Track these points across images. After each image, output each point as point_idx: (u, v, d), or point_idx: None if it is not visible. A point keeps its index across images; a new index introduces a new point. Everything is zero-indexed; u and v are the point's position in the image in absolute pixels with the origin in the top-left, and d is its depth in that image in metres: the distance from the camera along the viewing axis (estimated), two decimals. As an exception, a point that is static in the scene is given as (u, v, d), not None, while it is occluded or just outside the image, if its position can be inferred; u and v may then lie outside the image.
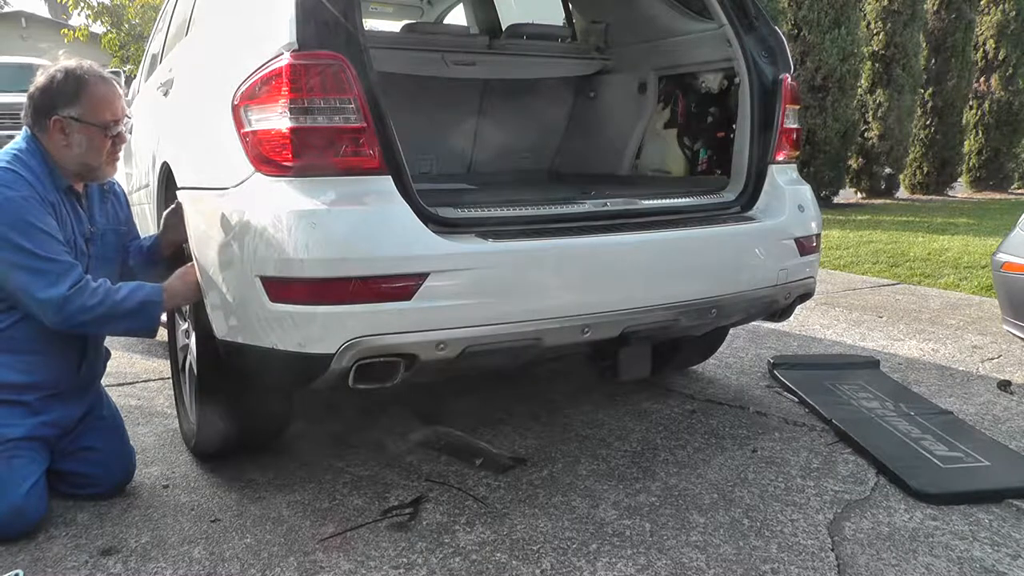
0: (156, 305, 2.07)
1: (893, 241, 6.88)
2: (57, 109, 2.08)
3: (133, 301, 2.03)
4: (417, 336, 1.85)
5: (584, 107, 3.65)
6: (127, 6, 13.87)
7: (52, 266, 1.95)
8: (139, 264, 2.41)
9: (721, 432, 2.66)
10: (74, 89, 2.08)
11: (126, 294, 2.03)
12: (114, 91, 2.15)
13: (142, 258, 2.41)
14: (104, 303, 1.98)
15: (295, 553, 1.90)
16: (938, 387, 3.11)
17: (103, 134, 2.12)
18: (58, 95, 2.08)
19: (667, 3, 3.02)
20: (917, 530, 2.00)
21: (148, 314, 2.06)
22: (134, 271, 2.39)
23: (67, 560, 1.88)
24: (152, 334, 2.14)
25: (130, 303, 2.02)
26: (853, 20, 9.58)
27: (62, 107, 2.08)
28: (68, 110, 2.08)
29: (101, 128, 2.11)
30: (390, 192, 1.88)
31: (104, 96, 2.12)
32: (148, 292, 2.07)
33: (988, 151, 12.27)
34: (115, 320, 2.03)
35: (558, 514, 2.09)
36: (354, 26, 1.89)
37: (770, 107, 2.54)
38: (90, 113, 2.10)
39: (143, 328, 2.10)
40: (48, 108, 2.08)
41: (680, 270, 2.24)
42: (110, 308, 1.99)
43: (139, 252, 2.42)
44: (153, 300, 2.06)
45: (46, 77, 2.10)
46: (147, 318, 2.06)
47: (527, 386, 3.11)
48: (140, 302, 2.04)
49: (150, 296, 2.06)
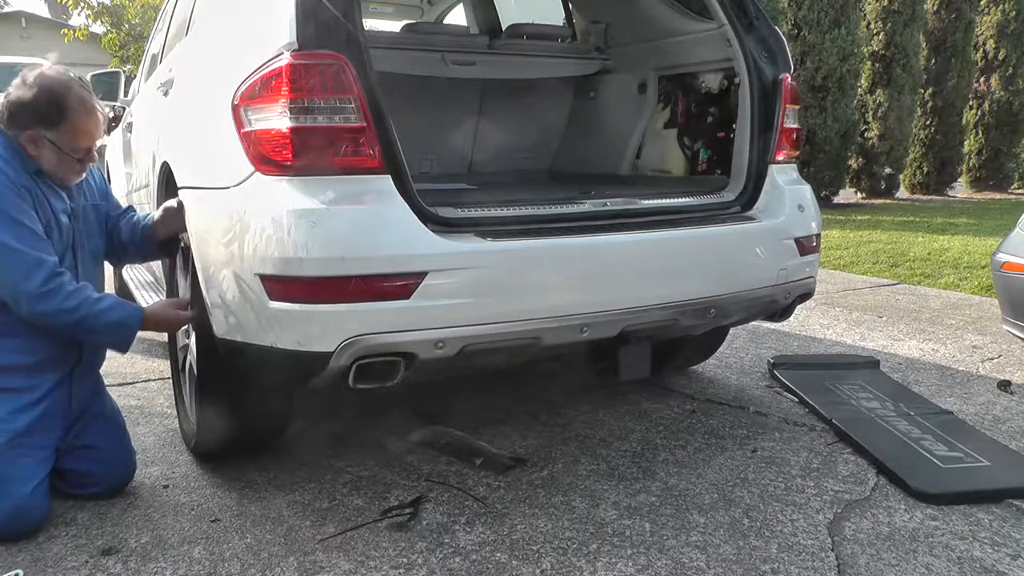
0: (131, 330, 2.07)
1: (893, 241, 6.88)
2: (34, 127, 2.01)
3: (110, 318, 2.02)
4: (416, 335, 1.85)
5: (584, 107, 3.65)
6: (127, 6, 13.86)
7: (23, 257, 1.92)
8: (132, 242, 2.37)
9: (721, 432, 2.66)
10: (56, 116, 2.01)
11: (104, 308, 2.01)
12: (95, 121, 2.08)
13: (136, 236, 2.36)
14: (79, 310, 1.96)
15: (295, 553, 1.90)
16: (938, 387, 3.10)
17: (74, 157, 2.08)
18: (37, 116, 2.01)
19: (667, 3, 3.02)
20: (917, 530, 2.00)
21: (121, 335, 2.07)
22: (127, 248, 2.37)
23: (67, 560, 1.88)
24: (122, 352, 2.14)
25: (106, 319, 2.02)
26: (853, 20, 9.58)
27: (39, 127, 2.01)
28: (44, 132, 2.02)
29: (74, 153, 2.08)
30: (390, 192, 1.89)
31: (84, 128, 2.06)
32: (127, 313, 2.07)
33: (988, 151, 12.26)
34: (86, 331, 2.02)
35: (558, 514, 2.08)
36: (354, 26, 1.90)
37: (770, 107, 2.54)
38: (67, 142, 2.04)
39: (112, 345, 2.11)
40: (23, 123, 2.01)
41: (680, 270, 2.24)
42: (84, 317, 1.97)
43: (133, 229, 2.37)
44: (130, 324, 2.06)
45: (29, 92, 2.00)
46: (119, 338, 2.08)
47: (527, 386, 3.11)
48: (116, 321, 2.04)
49: (127, 319, 2.06)
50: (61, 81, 2.04)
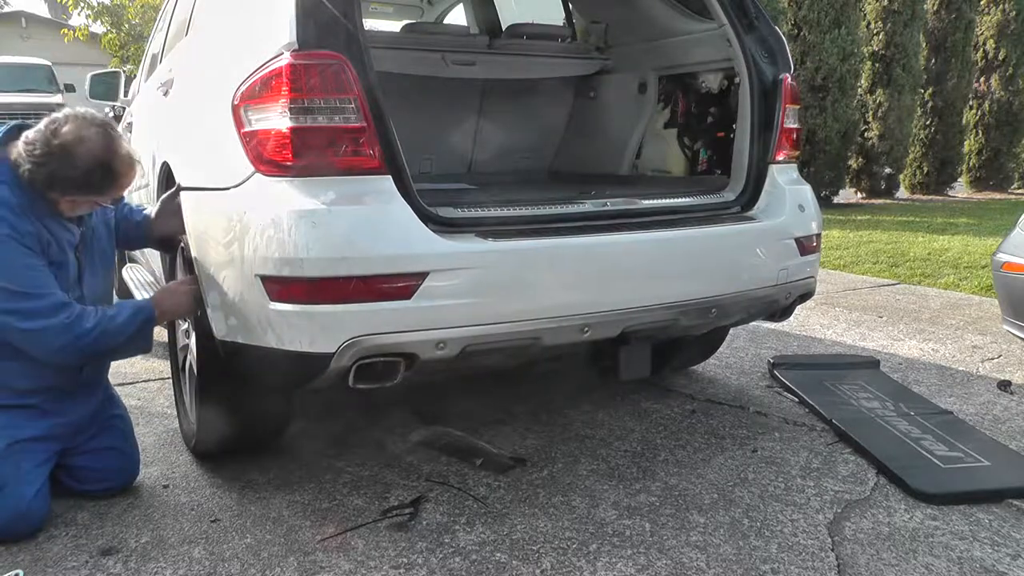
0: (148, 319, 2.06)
1: (893, 241, 6.88)
2: (77, 192, 1.97)
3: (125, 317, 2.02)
4: (417, 335, 1.85)
5: (584, 107, 3.65)
6: (127, 6, 13.87)
7: (42, 301, 1.91)
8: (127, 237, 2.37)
9: (721, 432, 2.66)
10: (102, 181, 1.98)
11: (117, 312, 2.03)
12: (136, 170, 2.06)
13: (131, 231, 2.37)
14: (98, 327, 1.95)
15: (295, 553, 1.90)
16: (938, 387, 3.10)
17: (109, 204, 2.09)
18: (82, 185, 1.96)
19: (667, 3, 3.02)
20: (917, 530, 2.00)
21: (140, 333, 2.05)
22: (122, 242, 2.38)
23: (67, 560, 1.88)
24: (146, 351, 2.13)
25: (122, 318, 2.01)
26: (853, 20, 9.57)
27: (83, 193, 1.98)
28: (88, 196, 2.00)
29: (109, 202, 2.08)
30: (390, 192, 1.89)
31: (129, 182, 2.05)
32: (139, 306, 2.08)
33: (988, 151, 12.26)
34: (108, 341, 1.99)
35: (558, 514, 2.09)
36: (354, 26, 1.90)
37: (770, 107, 2.54)
38: (109, 198, 2.05)
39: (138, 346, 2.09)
40: (66, 190, 1.96)
41: (680, 270, 2.24)
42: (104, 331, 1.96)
43: (127, 222, 2.36)
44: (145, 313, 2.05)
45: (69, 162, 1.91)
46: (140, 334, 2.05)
47: (527, 386, 3.11)
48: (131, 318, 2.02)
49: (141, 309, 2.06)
50: (105, 146, 1.97)
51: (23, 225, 1.93)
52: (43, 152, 1.93)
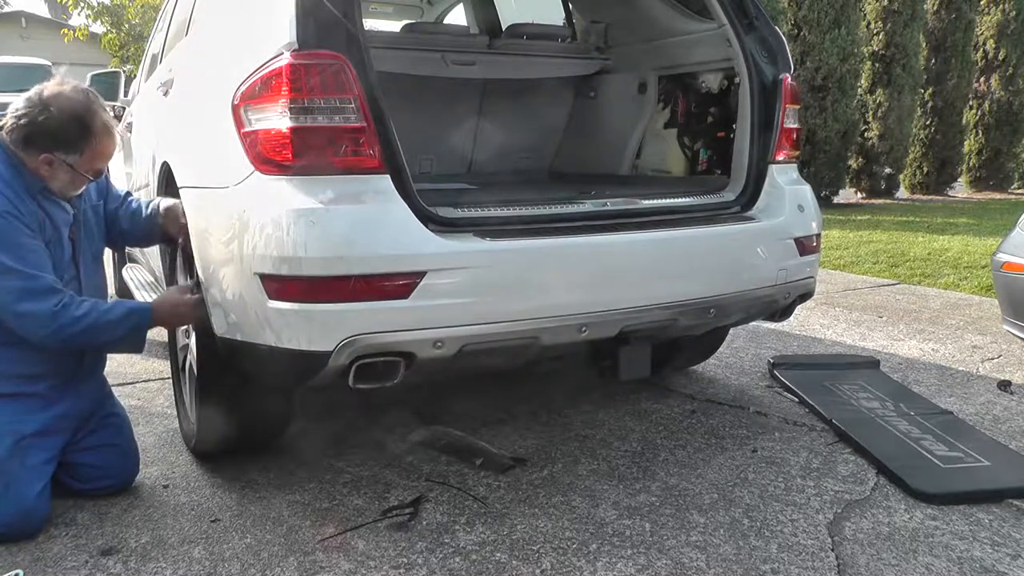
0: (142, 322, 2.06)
1: (893, 241, 6.88)
2: (52, 151, 1.98)
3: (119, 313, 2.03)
4: (415, 334, 1.85)
5: (584, 107, 3.65)
6: (127, 6, 13.87)
7: (37, 282, 1.92)
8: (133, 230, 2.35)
9: (721, 432, 2.66)
10: (77, 138, 1.98)
11: (112, 307, 2.03)
12: (115, 143, 2.08)
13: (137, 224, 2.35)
14: (89, 315, 1.96)
15: (295, 553, 1.90)
16: (938, 387, 3.10)
17: (88, 177, 2.08)
18: (59, 141, 1.97)
19: (667, 3, 3.02)
20: (917, 530, 2.00)
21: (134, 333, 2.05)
22: (127, 235, 2.37)
23: (67, 560, 1.88)
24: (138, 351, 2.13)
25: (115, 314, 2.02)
26: (853, 20, 9.58)
27: (59, 151, 1.98)
28: (64, 155, 1.99)
29: (89, 174, 2.07)
30: (389, 191, 1.89)
31: (106, 152, 2.06)
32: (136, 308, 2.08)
33: (988, 151, 12.27)
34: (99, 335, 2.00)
35: (558, 514, 2.08)
36: (354, 26, 1.90)
37: (770, 107, 2.54)
38: (85, 165, 2.03)
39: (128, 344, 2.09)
40: (42, 146, 1.97)
41: (679, 270, 2.24)
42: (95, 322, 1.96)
43: (134, 216, 2.34)
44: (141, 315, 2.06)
45: (51, 116, 1.95)
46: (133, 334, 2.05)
47: (527, 386, 3.11)
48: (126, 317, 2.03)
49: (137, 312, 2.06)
50: (84, 104, 2.00)
51: (22, 204, 1.95)
52: (24, 108, 1.97)
